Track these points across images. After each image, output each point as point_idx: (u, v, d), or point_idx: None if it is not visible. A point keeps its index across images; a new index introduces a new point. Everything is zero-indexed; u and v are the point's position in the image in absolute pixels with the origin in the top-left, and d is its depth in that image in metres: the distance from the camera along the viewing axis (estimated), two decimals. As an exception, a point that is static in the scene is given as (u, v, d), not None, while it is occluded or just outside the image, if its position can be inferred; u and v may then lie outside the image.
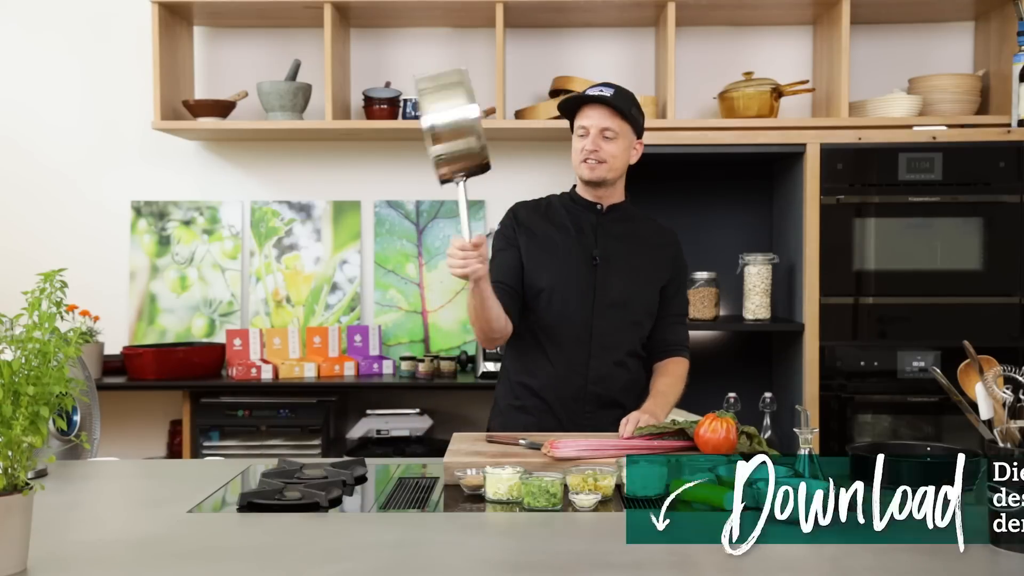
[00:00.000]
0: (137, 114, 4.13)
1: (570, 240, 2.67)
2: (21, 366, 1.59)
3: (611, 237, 2.68)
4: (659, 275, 2.71)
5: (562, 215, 2.71)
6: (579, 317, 2.63)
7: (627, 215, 2.74)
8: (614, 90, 2.62)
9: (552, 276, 2.64)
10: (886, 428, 3.57)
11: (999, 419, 1.78)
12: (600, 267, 2.65)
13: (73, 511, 2.01)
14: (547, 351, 2.65)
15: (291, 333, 4.08)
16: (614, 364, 2.64)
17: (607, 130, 2.59)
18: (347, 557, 1.71)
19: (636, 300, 2.66)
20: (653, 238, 2.75)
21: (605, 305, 2.63)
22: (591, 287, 2.64)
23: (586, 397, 2.63)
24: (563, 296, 2.63)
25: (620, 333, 2.65)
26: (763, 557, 1.69)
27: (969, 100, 3.82)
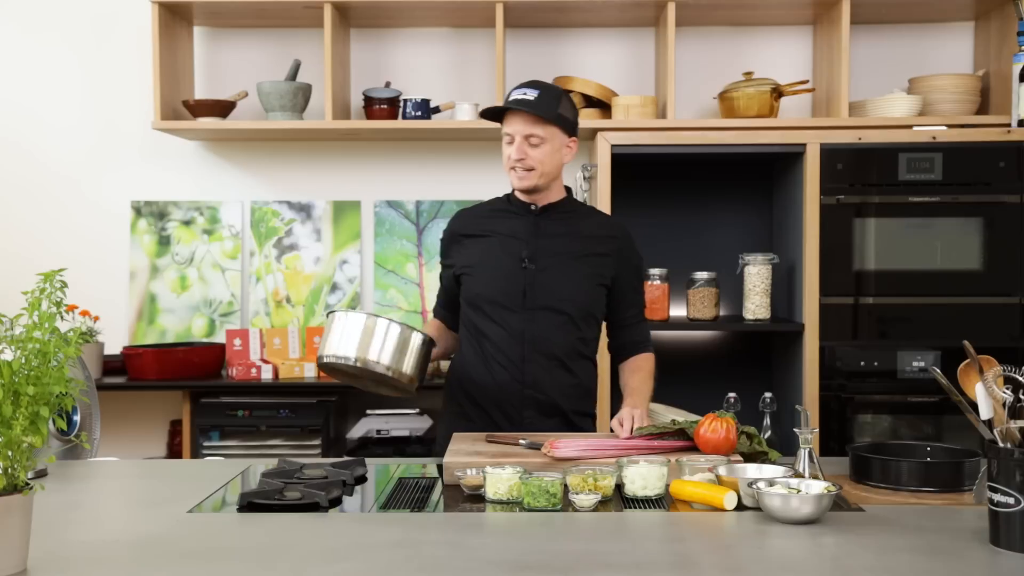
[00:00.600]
0: (137, 114, 4.13)
1: (502, 245, 2.63)
2: (21, 366, 1.59)
3: (545, 237, 2.63)
4: (600, 272, 2.64)
5: (498, 220, 2.68)
6: (512, 321, 2.59)
7: (566, 213, 2.67)
8: (538, 92, 2.55)
9: (484, 283, 2.62)
10: (886, 428, 3.57)
11: (999, 419, 1.78)
12: (530, 270, 2.60)
13: (73, 511, 2.01)
14: (484, 357, 2.62)
15: (291, 333, 4.08)
16: (553, 367, 2.59)
17: (532, 136, 2.54)
18: (347, 557, 1.71)
19: (571, 301, 2.59)
20: (595, 234, 2.66)
21: (537, 308, 2.58)
22: (521, 291, 2.59)
23: (524, 402, 2.59)
24: (495, 301, 2.60)
25: (556, 335, 2.59)
26: (763, 557, 1.70)
27: (969, 100, 3.82)
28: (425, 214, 4.18)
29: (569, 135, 2.60)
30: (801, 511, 1.83)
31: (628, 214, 3.87)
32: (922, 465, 2.12)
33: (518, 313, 2.59)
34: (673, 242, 3.98)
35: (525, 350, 2.58)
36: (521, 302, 2.59)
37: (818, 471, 2.09)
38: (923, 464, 2.13)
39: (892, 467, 2.12)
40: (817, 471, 2.09)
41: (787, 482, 1.92)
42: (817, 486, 1.89)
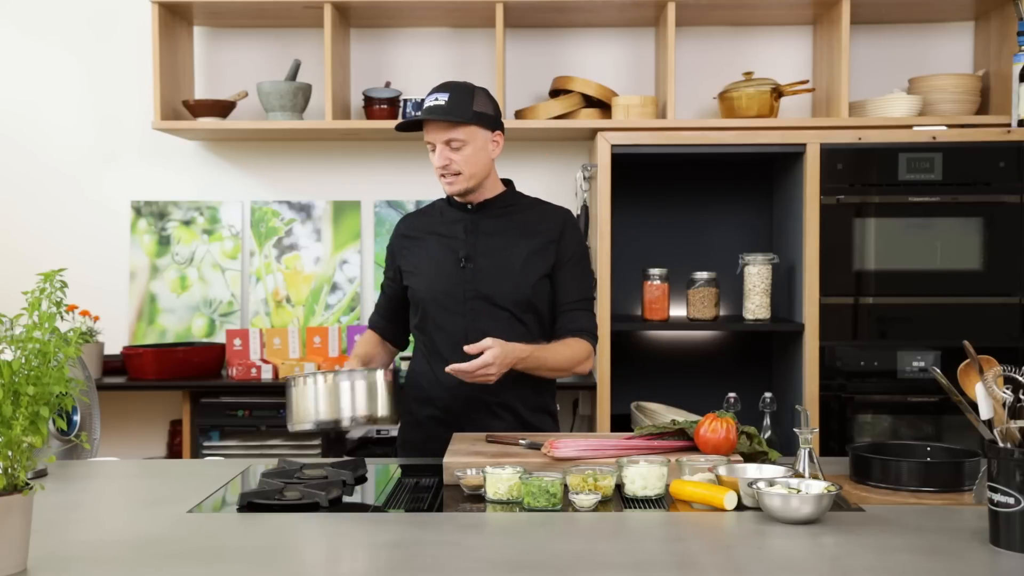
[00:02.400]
0: (137, 114, 4.13)
1: (441, 246, 2.62)
2: (21, 366, 1.59)
3: (482, 234, 2.60)
4: (539, 262, 2.59)
5: (437, 221, 2.67)
6: (454, 323, 2.57)
7: (504, 207, 2.64)
8: (448, 94, 2.52)
9: (425, 286, 2.60)
10: (886, 428, 3.57)
11: (999, 419, 1.78)
12: (468, 268, 2.58)
13: (73, 511, 2.01)
14: (431, 362, 2.61)
15: (291, 333, 4.08)
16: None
17: (452, 141, 2.52)
18: (347, 557, 1.71)
19: (510, 295, 2.56)
20: (534, 225, 2.62)
21: (477, 306, 2.57)
22: (461, 290, 2.58)
23: (471, 404, 2.56)
24: (436, 303, 2.59)
25: (498, 333, 2.52)
26: (763, 557, 1.69)
27: (969, 100, 3.82)
28: (425, 214, 4.18)
29: (492, 129, 2.57)
30: (801, 511, 1.83)
31: (628, 214, 3.88)
32: (922, 465, 2.12)
33: (460, 314, 2.57)
34: (673, 242, 3.98)
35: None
36: (462, 302, 2.57)
37: (818, 471, 2.09)
38: (923, 464, 2.13)
39: (892, 467, 2.12)
40: (817, 471, 2.09)
41: (787, 482, 1.92)
42: (817, 486, 1.89)
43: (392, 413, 2.33)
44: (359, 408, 2.25)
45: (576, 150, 4.14)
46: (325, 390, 2.25)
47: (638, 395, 3.43)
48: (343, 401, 2.23)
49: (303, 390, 2.27)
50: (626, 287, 3.81)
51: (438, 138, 2.53)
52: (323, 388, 2.25)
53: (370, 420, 2.28)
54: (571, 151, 4.14)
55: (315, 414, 2.25)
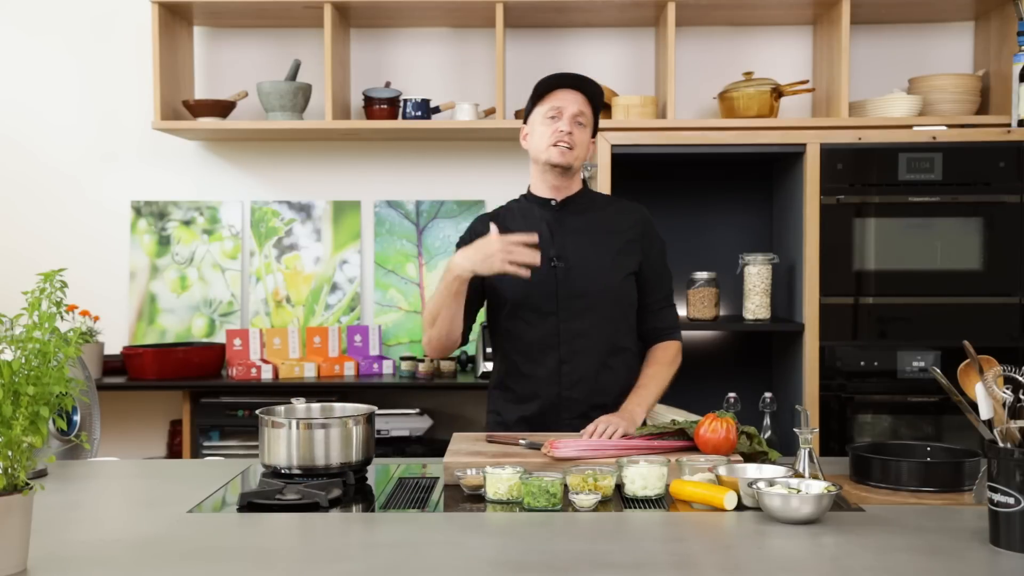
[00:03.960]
0: (137, 114, 4.13)
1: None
2: (21, 366, 1.59)
3: (569, 233, 2.59)
4: (627, 261, 2.60)
5: (518, 220, 2.62)
6: (546, 324, 2.55)
7: (585, 204, 2.65)
8: (580, 76, 2.59)
9: (515, 286, 2.54)
10: (886, 428, 3.57)
11: (999, 419, 1.78)
12: (560, 267, 2.56)
13: (73, 511, 2.01)
14: (520, 364, 2.59)
15: (291, 333, 4.08)
16: (592, 367, 2.55)
17: (580, 115, 2.54)
18: (347, 557, 1.71)
19: (603, 293, 2.55)
20: (616, 223, 2.63)
21: (571, 307, 2.55)
22: (553, 291, 2.55)
23: (562, 404, 2.55)
24: (527, 306, 2.56)
25: (593, 333, 2.54)
26: (763, 557, 1.69)
27: (969, 100, 3.82)
28: (425, 214, 4.18)
29: (593, 135, 2.62)
30: (801, 511, 1.83)
31: (628, 214, 3.87)
32: (922, 465, 2.12)
33: (553, 314, 2.55)
34: (673, 242, 3.94)
35: (562, 352, 2.55)
36: (554, 302, 2.55)
37: (818, 471, 2.09)
38: (923, 464, 2.13)
39: (892, 467, 2.12)
40: (817, 471, 2.09)
41: (787, 482, 1.92)
42: (817, 486, 1.89)
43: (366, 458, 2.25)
44: (334, 457, 2.18)
45: (576, 150, 4.14)
46: (297, 439, 2.16)
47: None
48: (317, 453, 2.17)
49: (279, 433, 2.18)
50: (626, 287, 3.80)
51: (571, 108, 2.54)
52: (296, 437, 2.16)
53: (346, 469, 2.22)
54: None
55: (294, 459, 2.16)
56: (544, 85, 2.58)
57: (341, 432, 2.17)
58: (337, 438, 2.17)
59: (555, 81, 2.57)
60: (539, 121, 2.57)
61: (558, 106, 2.54)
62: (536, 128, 2.58)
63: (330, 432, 2.16)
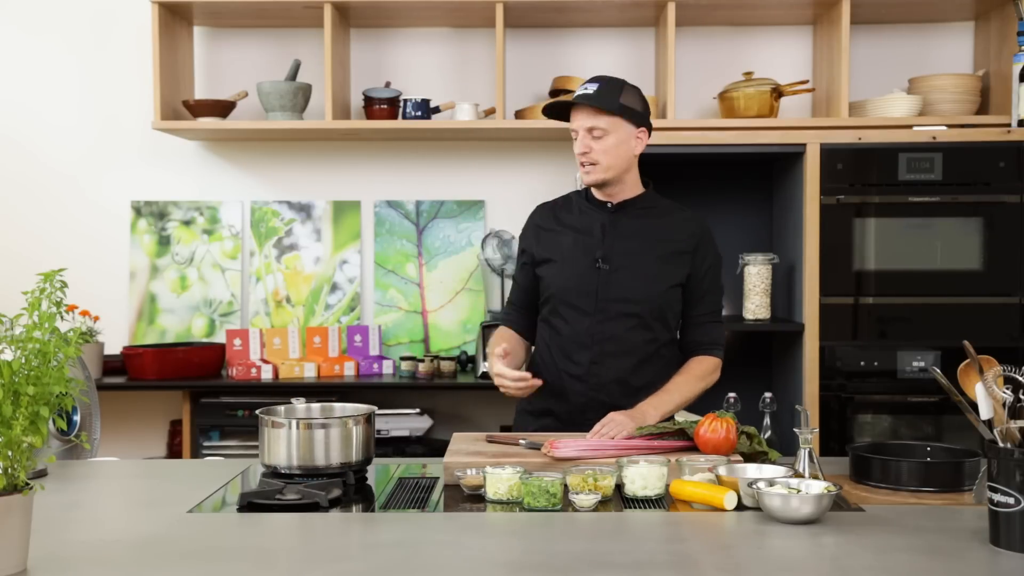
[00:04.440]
0: (137, 114, 4.13)
1: (577, 243, 2.60)
2: (21, 366, 1.59)
3: (621, 236, 2.58)
4: (675, 272, 2.58)
5: (574, 216, 2.64)
6: (583, 322, 2.56)
7: (643, 209, 2.62)
8: (598, 84, 2.54)
9: (557, 283, 2.58)
10: (886, 428, 3.57)
11: (999, 419, 1.78)
12: (604, 270, 2.56)
13: (73, 511, 2.01)
14: (555, 358, 2.60)
15: (291, 333, 4.08)
16: (623, 372, 2.55)
17: (594, 129, 2.52)
18: (347, 557, 1.71)
19: (644, 302, 2.54)
20: (672, 232, 2.61)
21: (608, 309, 2.55)
22: (594, 291, 2.56)
23: (589, 405, 2.54)
24: (567, 301, 2.57)
25: (626, 337, 2.54)
26: (763, 557, 1.69)
27: (969, 100, 3.82)
28: (425, 214, 4.18)
29: (637, 125, 2.56)
30: (801, 511, 1.83)
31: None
32: (922, 465, 2.12)
33: (589, 314, 2.56)
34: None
35: (593, 353, 2.55)
36: (593, 303, 2.55)
37: (818, 471, 2.09)
38: (923, 464, 2.13)
39: (892, 467, 2.12)
40: (817, 471, 2.09)
41: (787, 482, 1.92)
42: (817, 486, 1.89)
43: (365, 460, 2.25)
44: (334, 456, 2.18)
45: (576, 150, 4.14)
46: (297, 439, 2.16)
47: (638, 395, 3.42)
48: (316, 453, 2.17)
49: (278, 433, 2.17)
50: (626, 287, 3.80)
51: (582, 124, 2.53)
52: (295, 436, 2.16)
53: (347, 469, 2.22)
54: (571, 151, 4.10)
55: (293, 459, 2.16)
56: (554, 112, 2.61)
57: (341, 432, 2.17)
58: (337, 438, 2.17)
59: (553, 112, 2.60)
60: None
61: (572, 127, 2.57)
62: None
63: (330, 432, 2.16)
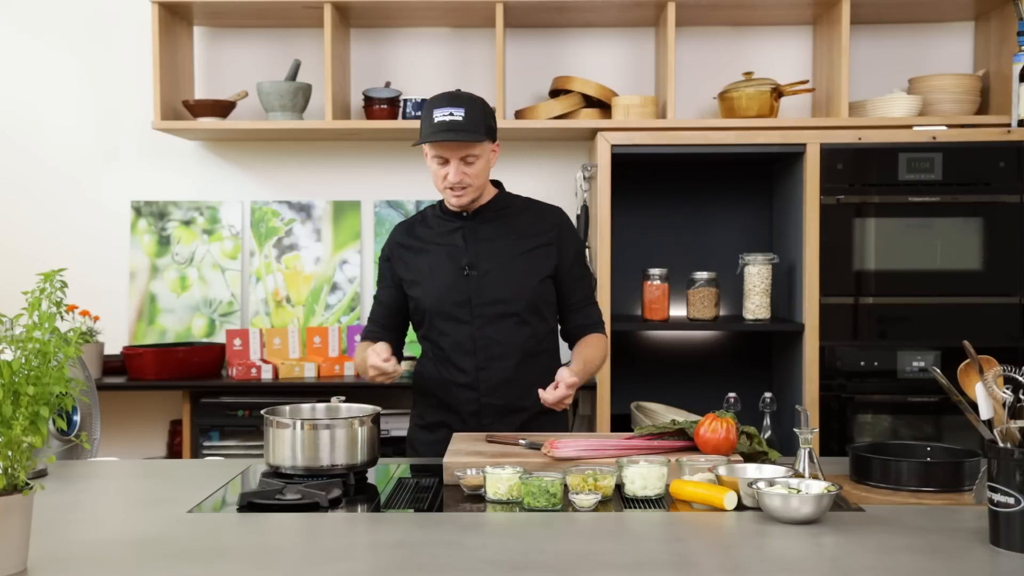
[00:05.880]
0: (137, 114, 4.13)
1: (441, 255, 2.62)
2: (21, 366, 1.59)
3: (482, 241, 2.61)
4: (542, 265, 2.61)
5: (433, 230, 2.66)
6: (460, 330, 2.59)
7: (499, 211, 2.65)
8: (464, 109, 2.49)
9: (430, 296, 2.60)
10: (886, 428, 3.57)
11: (999, 419, 1.78)
12: (473, 275, 2.58)
13: (73, 511, 2.01)
14: (440, 370, 2.63)
15: (291, 333, 4.08)
16: (509, 371, 2.58)
17: (468, 156, 2.51)
18: (347, 557, 1.71)
19: (517, 299, 2.58)
20: (531, 227, 2.64)
21: (485, 313, 2.58)
22: (467, 299, 2.58)
23: (483, 411, 2.59)
24: (442, 313, 2.59)
25: (508, 338, 2.58)
26: (763, 557, 1.69)
27: (969, 100, 3.82)
28: (425, 214, 4.17)
29: (493, 140, 2.59)
30: (801, 511, 1.83)
31: (628, 214, 3.88)
32: (922, 465, 2.12)
33: (467, 322, 2.58)
34: (673, 242, 3.98)
35: (478, 358, 2.58)
36: (469, 310, 2.58)
37: (818, 471, 2.09)
38: (923, 464, 2.13)
39: (892, 467, 2.12)
40: (817, 471, 2.09)
41: (787, 482, 1.92)
42: (817, 486, 1.90)
43: (371, 459, 2.25)
44: (339, 457, 2.17)
45: (576, 150, 4.14)
46: (302, 439, 2.16)
47: (638, 395, 3.43)
48: (321, 454, 2.16)
49: (283, 434, 2.17)
50: (626, 287, 3.81)
51: (455, 155, 2.51)
52: (300, 437, 2.16)
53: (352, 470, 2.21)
54: (571, 151, 4.14)
55: (299, 460, 2.15)
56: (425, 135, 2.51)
57: (346, 433, 2.17)
58: (342, 439, 2.17)
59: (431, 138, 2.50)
60: (429, 158, 2.56)
61: (441, 155, 2.52)
62: (429, 163, 2.57)
63: (335, 433, 2.16)
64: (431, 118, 2.52)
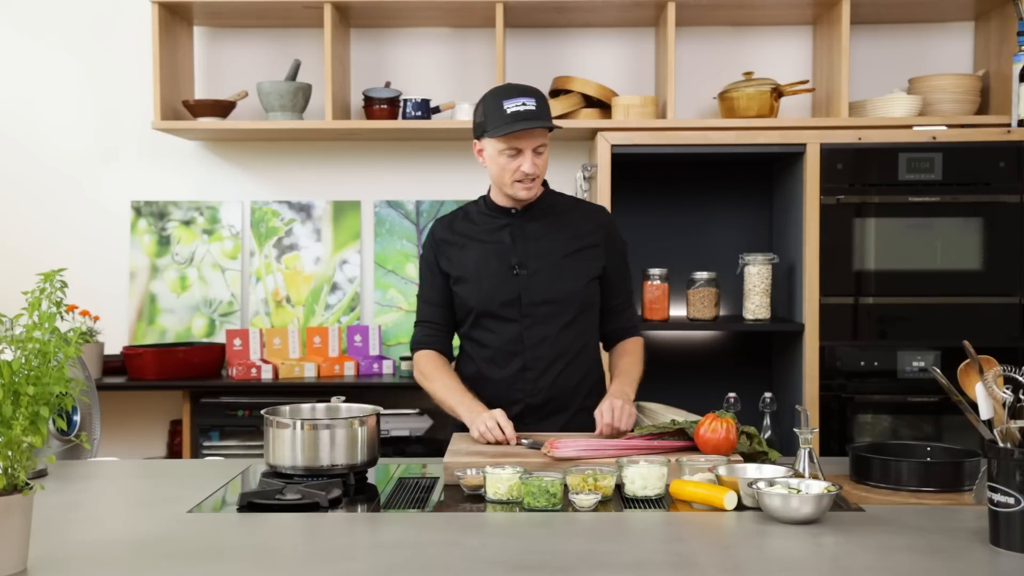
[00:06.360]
0: (137, 114, 4.13)
1: (489, 253, 2.58)
2: (21, 366, 1.59)
3: (530, 240, 2.57)
4: (591, 266, 2.58)
5: (477, 226, 2.62)
6: (509, 329, 2.56)
7: (547, 209, 2.61)
8: (535, 99, 2.47)
9: (476, 295, 2.56)
10: (886, 428, 3.57)
11: (999, 419, 1.78)
12: (522, 276, 2.55)
13: (73, 511, 2.01)
14: (484, 370, 2.60)
15: (291, 333, 4.08)
16: (554, 372, 2.56)
17: (540, 147, 2.49)
18: (347, 557, 1.71)
19: (567, 300, 2.55)
20: (578, 227, 2.61)
21: (534, 313, 2.54)
22: (516, 298, 2.55)
23: (525, 411, 2.56)
24: (490, 313, 2.56)
25: (555, 338, 2.55)
26: (763, 557, 1.70)
27: (969, 100, 3.82)
28: (425, 214, 4.18)
29: (551, 128, 2.54)
30: (801, 511, 1.83)
31: (628, 214, 3.87)
32: (922, 465, 2.12)
33: (515, 321, 2.55)
34: (673, 242, 3.98)
35: (525, 358, 2.55)
36: (518, 310, 2.55)
37: (818, 471, 2.09)
38: (923, 464, 2.13)
39: (892, 467, 2.12)
40: (817, 471, 2.09)
41: (787, 482, 1.92)
42: (817, 486, 1.90)
43: (371, 459, 2.24)
44: (339, 456, 2.16)
45: (576, 150, 4.14)
46: (302, 439, 2.15)
47: (638, 395, 3.42)
48: (321, 454, 2.16)
49: (283, 434, 2.16)
50: (626, 287, 3.81)
51: (529, 145, 2.47)
52: (300, 437, 2.15)
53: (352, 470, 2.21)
54: (571, 151, 4.14)
55: (298, 460, 2.14)
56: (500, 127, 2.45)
57: (346, 433, 2.17)
58: (342, 439, 2.17)
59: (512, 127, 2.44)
60: (496, 152, 2.49)
61: (519, 146, 2.47)
62: (494, 158, 2.50)
63: (335, 433, 2.16)
64: (502, 110, 2.45)
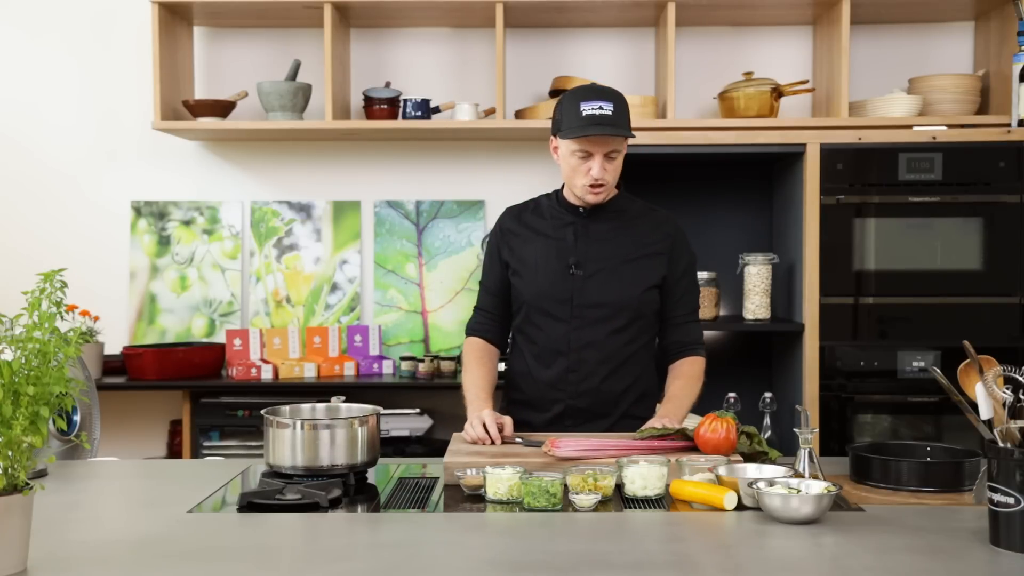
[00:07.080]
0: (137, 114, 4.13)
1: (548, 249, 2.56)
2: (21, 366, 1.59)
3: (594, 241, 2.54)
4: (651, 274, 2.54)
5: (545, 221, 2.60)
6: (556, 328, 2.53)
7: (616, 212, 2.58)
8: (613, 104, 2.42)
9: (531, 289, 2.55)
10: (886, 428, 3.57)
11: (999, 419, 1.78)
12: (578, 276, 2.53)
13: (73, 511, 2.01)
14: (530, 367, 2.59)
15: (291, 333, 4.08)
16: (599, 377, 2.53)
17: (613, 152, 2.45)
18: (347, 557, 1.71)
19: (619, 305, 2.51)
20: (645, 234, 2.57)
21: (584, 315, 2.52)
22: (568, 298, 2.52)
23: (567, 412, 2.54)
24: (541, 308, 2.54)
25: (603, 343, 2.52)
26: (763, 557, 1.69)
27: (969, 100, 3.82)
28: (425, 214, 4.18)
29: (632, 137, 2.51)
30: (801, 511, 1.83)
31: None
32: (922, 465, 2.12)
33: (564, 320, 2.53)
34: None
35: (570, 360, 2.53)
36: (569, 309, 2.52)
37: (818, 471, 2.09)
38: (923, 464, 2.13)
39: (892, 467, 2.12)
40: (817, 471, 2.09)
41: (787, 482, 1.92)
42: (817, 486, 1.90)
43: (371, 460, 2.23)
44: (339, 456, 2.16)
45: (576, 150, 4.13)
46: (302, 439, 2.15)
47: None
48: (321, 453, 2.15)
49: (284, 434, 2.16)
50: (626, 287, 3.80)
51: (601, 149, 2.43)
52: (300, 437, 2.15)
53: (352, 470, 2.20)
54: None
55: (298, 460, 2.14)
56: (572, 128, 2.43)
57: (346, 433, 2.17)
58: (342, 439, 2.16)
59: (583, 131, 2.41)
60: (568, 152, 2.47)
61: (588, 150, 2.44)
62: (566, 158, 2.49)
63: (335, 433, 2.16)
64: (578, 111, 2.42)
